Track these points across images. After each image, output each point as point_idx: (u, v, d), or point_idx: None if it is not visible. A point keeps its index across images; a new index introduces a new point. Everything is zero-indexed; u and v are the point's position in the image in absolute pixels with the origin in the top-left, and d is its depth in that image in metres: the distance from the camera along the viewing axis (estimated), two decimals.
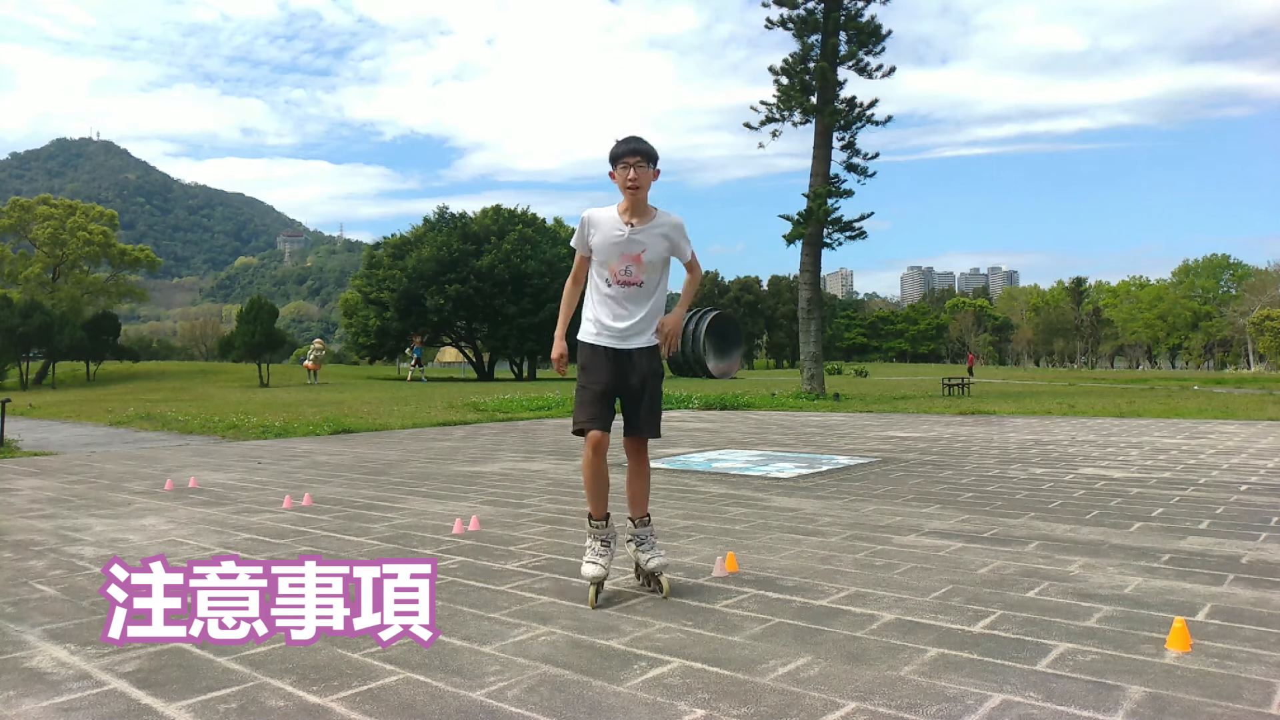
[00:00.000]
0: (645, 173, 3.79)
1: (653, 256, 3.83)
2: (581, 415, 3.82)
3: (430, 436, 13.11)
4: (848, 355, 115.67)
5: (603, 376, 3.82)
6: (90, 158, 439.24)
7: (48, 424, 17.25)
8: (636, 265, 3.82)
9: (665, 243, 3.86)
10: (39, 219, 50.88)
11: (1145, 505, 6.08)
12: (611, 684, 2.79)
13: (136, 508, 6.56)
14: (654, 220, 3.85)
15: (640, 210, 3.83)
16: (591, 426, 3.78)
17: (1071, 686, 2.70)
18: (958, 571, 4.22)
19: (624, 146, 3.82)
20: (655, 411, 3.90)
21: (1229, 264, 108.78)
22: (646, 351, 3.87)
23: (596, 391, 3.80)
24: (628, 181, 3.77)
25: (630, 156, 3.78)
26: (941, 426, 13.87)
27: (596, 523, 3.86)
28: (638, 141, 3.83)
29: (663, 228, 3.85)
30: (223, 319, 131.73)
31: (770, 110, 25.39)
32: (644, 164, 3.78)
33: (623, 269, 3.82)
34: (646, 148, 3.82)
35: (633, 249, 3.80)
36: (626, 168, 3.77)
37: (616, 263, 3.82)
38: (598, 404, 3.79)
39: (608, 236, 3.81)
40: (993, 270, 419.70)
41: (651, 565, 3.86)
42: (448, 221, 52.84)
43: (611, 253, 3.82)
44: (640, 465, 3.96)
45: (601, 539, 3.84)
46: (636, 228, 3.80)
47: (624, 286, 3.84)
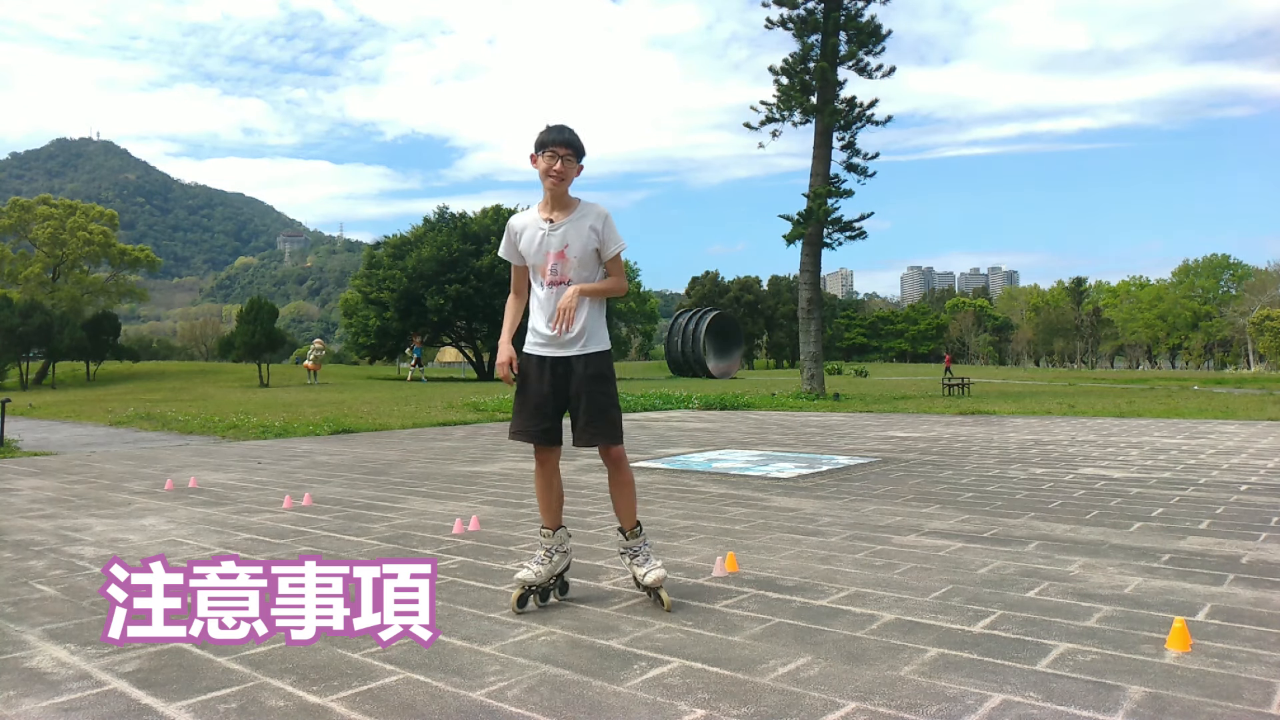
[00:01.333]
0: (571, 166, 3.58)
1: (578, 251, 3.60)
2: (514, 426, 3.69)
3: (430, 436, 13.12)
4: (848, 355, 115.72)
5: (539, 387, 3.63)
6: (90, 158, 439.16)
7: (48, 424, 17.24)
8: (562, 262, 3.61)
9: (591, 235, 3.61)
10: (39, 219, 50.86)
11: (1145, 505, 6.07)
12: (611, 684, 2.79)
13: (136, 508, 6.56)
14: (576, 212, 3.63)
15: (561, 204, 3.63)
16: (525, 439, 3.65)
17: (1071, 686, 2.70)
18: (958, 571, 4.22)
19: (553, 135, 3.57)
20: (600, 419, 3.62)
21: (1229, 264, 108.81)
22: (585, 358, 3.64)
23: (532, 404, 3.63)
24: (551, 171, 3.54)
25: (559, 147, 3.55)
26: (941, 426, 13.87)
27: (544, 530, 3.72)
28: (569, 133, 3.60)
29: (587, 219, 3.62)
30: (223, 319, 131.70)
31: (770, 110, 25.42)
32: (571, 157, 3.57)
33: (550, 268, 3.61)
34: (577, 141, 3.60)
35: (555, 244, 3.60)
36: (554, 158, 3.55)
37: (544, 262, 3.63)
38: (534, 415, 3.62)
39: (532, 238, 3.64)
40: (993, 270, 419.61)
41: (648, 580, 3.64)
42: (448, 221, 52.81)
43: (538, 254, 3.64)
44: (617, 474, 3.72)
45: (545, 547, 3.68)
46: (557, 222, 3.61)
47: (554, 287, 3.62)
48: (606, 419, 3.63)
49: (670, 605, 3.61)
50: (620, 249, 3.67)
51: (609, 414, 3.65)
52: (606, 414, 3.64)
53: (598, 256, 3.66)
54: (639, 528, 3.75)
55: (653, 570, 3.66)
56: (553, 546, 3.68)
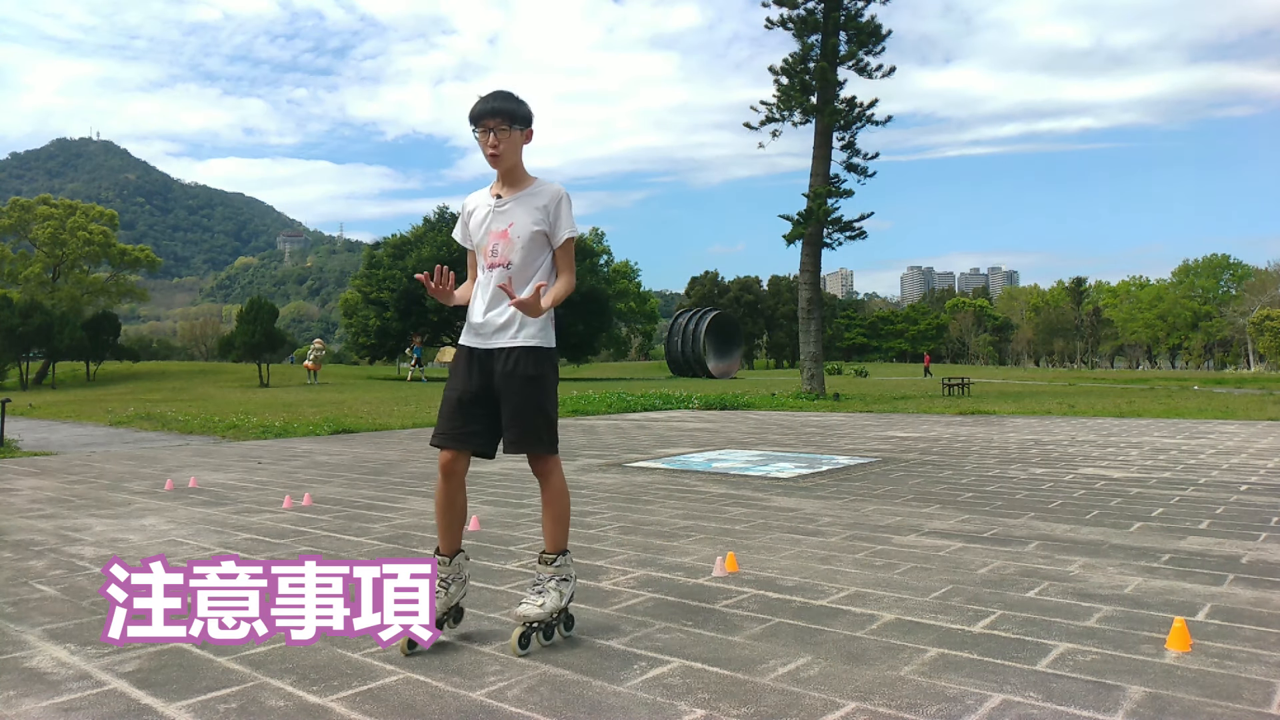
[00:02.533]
0: (509, 136, 3.12)
1: (521, 231, 3.17)
2: (436, 429, 3.25)
3: (430, 436, 13.10)
4: (848, 355, 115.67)
5: (461, 383, 3.20)
6: (90, 158, 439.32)
7: (48, 424, 17.24)
8: (504, 242, 3.18)
9: (540, 215, 3.18)
10: (39, 219, 50.86)
11: (1145, 505, 6.07)
12: (611, 684, 2.79)
13: (136, 508, 6.56)
14: (528, 189, 3.22)
15: (512, 180, 3.22)
16: (437, 442, 3.21)
17: (1071, 686, 2.70)
18: (958, 571, 4.22)
19: (482, 105, 3.12)
20: (528, 423, 3.15)
21: (1229, 264, 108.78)
22: (514, 353, 3.16)
23: (453, 401, 3.20)
24: (488, 148, 3.12)
25: (489, 118, 3.10)
26: (941, 426, 13.87)
27: (440, 558, 3.19)
28: (500, 99, 3.12)
29: (539, 198, 3.20)
30: (223, 319, 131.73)
31: (770, 110, 25.44)
32: (505, 125, 3.11)
33: (491, 248, 3.21)
34: (509, 105, 3.12)
35: (499, 223, 3.20)
36: (486, 131, 3.11)
37: (486, 242, 3.22)
38: (454, 416, 3.18)
39: (479, 216, 3.25)
40: (993, 270, 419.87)
41: (520, 609, 3.08)
42: (448, 221, 52.85)
43: (481, 232, 3.24)
44: (545, 489, 3.24)
45: (441, 578, 3.16)
46: (504, 199, 3.20)
47: (494, 270, 3.21)
48: (534, 423, 3.16)
49: (517, 649, 3.04)
50: (573, 235, 3.23)
51: (538, 418, 3.17)
52: (534, 418, 3.16)
53: (546, 241, 3.22)
54: (563, 554, 3.23)
55: (530, 605, 3.08)
56: (449, 576, 3.19)
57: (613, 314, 71.23)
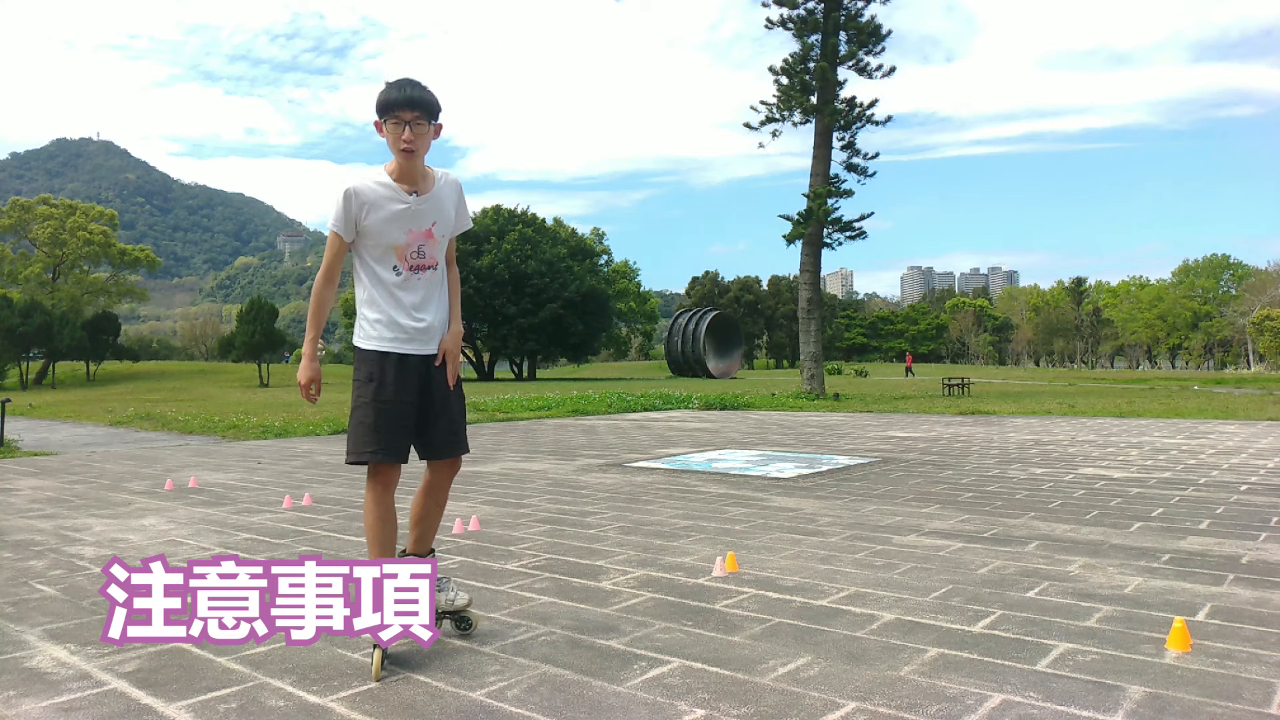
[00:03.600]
0: (425, 131, 3.00)
1: (444, 230, 3.11)
2: (369, 442, 3.03)
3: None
4: (848, 355, 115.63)
5: (399, 393, 3.06)
6: (90, 158, 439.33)
7: (48, 424, 17.24)
8: (429, 242, 3.08)
9: (453, 211, 3.15)
10: (39, 219, 50.90)
11: (1145, 505, 6.07)
12: (611, 684, 2.79)
13: (136, 508, 6.56)
14: (438, 184, 3.11)
15: (420, 173, 3.07)
16: (384, 458, 3.04)
17: (1071, 686, 2.70)
18: (958, 571, 4.22)
19: (398, 94, 2.95)
20: (463, 426, 3.22)
21: (1229, 264, 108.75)
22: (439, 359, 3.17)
23: (391, 412, 3.05)
24: (402, 142, 2.95)
25: (406, 110, 2.95)
26: (941, 426, 13.87)
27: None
28: (417, 88, 2.98)
29: (448, 190, 3.13)
30: (223, 319, 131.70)
31: (770, 110, 25.44)
32: (423, 121, 2.97)
33: (414, 249, 3.06)
34: (428, 98, 2.98)
35: (422, 222, 3.05)
36: (400, 124, 2.95)
37: (404, 242, 3.05)
38: (391, 429, 3.04)
39: (387, 211, 3.01)
40: (993, 270, 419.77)
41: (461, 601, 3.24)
42: None
43: (396, 231, 3.03)
44: (444, 494, 3.28)
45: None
46: (422, 196, 3.05)
47: (418, 272, 3.08)
48: (464, 425, 3.24)
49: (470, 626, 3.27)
50: (467, 227, 3.26)
51: (464, 419, 3.25)
52: (464, 420, 3.24)
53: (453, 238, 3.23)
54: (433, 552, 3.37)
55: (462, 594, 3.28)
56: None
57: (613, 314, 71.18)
